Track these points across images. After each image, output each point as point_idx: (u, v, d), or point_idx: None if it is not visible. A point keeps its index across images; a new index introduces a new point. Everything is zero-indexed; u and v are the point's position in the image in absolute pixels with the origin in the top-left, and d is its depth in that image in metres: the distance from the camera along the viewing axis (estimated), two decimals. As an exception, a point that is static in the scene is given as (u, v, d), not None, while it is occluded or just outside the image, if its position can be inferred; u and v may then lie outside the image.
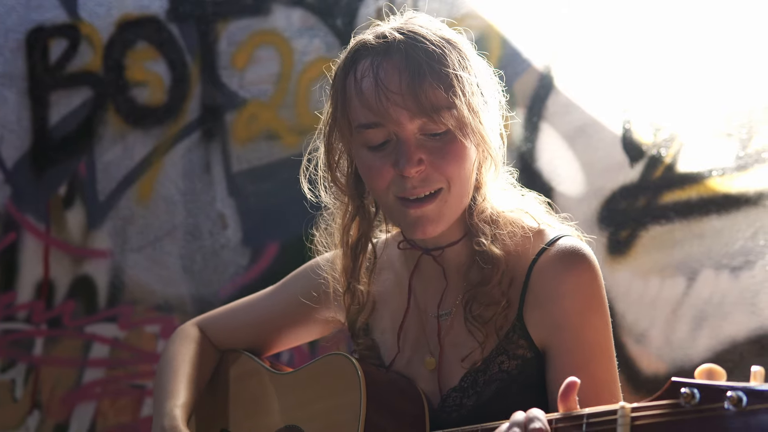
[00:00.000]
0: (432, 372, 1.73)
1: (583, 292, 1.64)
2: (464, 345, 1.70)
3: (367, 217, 1.79)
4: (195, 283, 3.54)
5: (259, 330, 2.00)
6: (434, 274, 1.76)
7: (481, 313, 1.67)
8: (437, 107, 1.60)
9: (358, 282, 1.81)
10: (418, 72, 1.60)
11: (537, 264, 1.66)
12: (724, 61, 2.79)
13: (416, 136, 1.62)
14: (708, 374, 1.24)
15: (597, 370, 1.63)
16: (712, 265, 2.77)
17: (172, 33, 3.61)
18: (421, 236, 1.67)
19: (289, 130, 3.44)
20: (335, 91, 1.69)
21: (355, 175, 1.77)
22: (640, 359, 2.82)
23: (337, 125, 1.69)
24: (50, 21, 3.75)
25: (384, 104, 1.60)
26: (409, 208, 1.64)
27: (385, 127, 1.63)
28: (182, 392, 1.89)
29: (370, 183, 1.69)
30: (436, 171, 1.63)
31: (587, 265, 1.64)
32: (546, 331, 1.65)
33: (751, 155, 2.74)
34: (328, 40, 3.38)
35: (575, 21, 2.99)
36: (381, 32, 1.67)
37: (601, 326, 1.65)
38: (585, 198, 2.94)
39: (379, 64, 1.62)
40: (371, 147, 1.65)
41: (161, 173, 3.60)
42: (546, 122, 3.02)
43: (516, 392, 1.66)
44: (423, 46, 1.62)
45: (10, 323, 3.76)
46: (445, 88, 1.60)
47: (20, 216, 3.76)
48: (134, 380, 3.61)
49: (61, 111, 3.74)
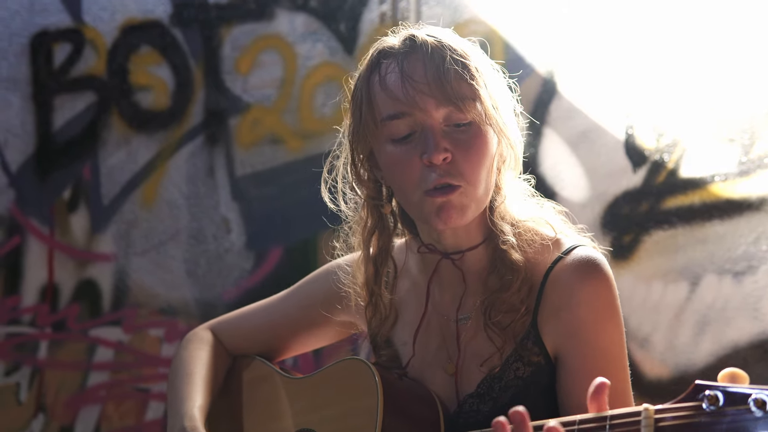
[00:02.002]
0: (450, 377, 1.74)
1: (598, 301, 1.65)
2: (483, 349, 1.70)
3: (386, 230, 1.80)
4: (199, 286, 3.54)
5: (273, 334, 2.00)
6: (453, 279, 1.77)
7: (501, 320, 1.68)
8: (463, 96, 1.63)
9: (380, 295, 1.82)
10: (443, 62, 1.64)
11: (552, 272, 1.68)
12: (726, 66, 2.80)
13: (441, 127, 1.65)
14: (731, 378, 1.25)
15: (610, 379, 1.64)
16: (715, 270, 2.78)
17: (175, 37, 3.62)
18: (446, 224, 1.67)
19: (292, 135, 3.44)
20: (358, 91, 1.72)
21: (375, 185, 1.78)
22: (643, 364, 2.83)
23: (362, 123, 1.71)
24: (54, 25, 3.76)
25: (410, 93, 1.63)
26: (435, 197, 1.65)
27: (412, 116, 1.65)
28: (199, 394, 1.89)
29: (397, 178, 1.70)
30: (460, 163, 1.64)
31: (602, 274, 1.66)
32: (560, 339, 1.66)
33: (753, 160, 2.74)
34: (331, 45, 3.39)
35: (578, 26, 3.00)
36: (404, 35, 1.71)
37: (615, 335, 1.67)
38: (588, 203, 2.95)
39: (404, 59, 1.67)
40: (396, 140, 1.67)
41: (165, 177, 3.61)
42: (549, 127, 3.03)
43: (531, 399, 1.66)
44: (446, 43, 1.67)
45: (15, 326, 3.77)
46: (470, 79, 1.64)
47: (24, 220, 3.77)
48: (138, 383, 3.62)
49: (65, 115, 3.75)
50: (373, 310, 1.83)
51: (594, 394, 1.38)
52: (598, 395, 1.38)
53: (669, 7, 2.88)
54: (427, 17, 3.20)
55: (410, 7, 3.23)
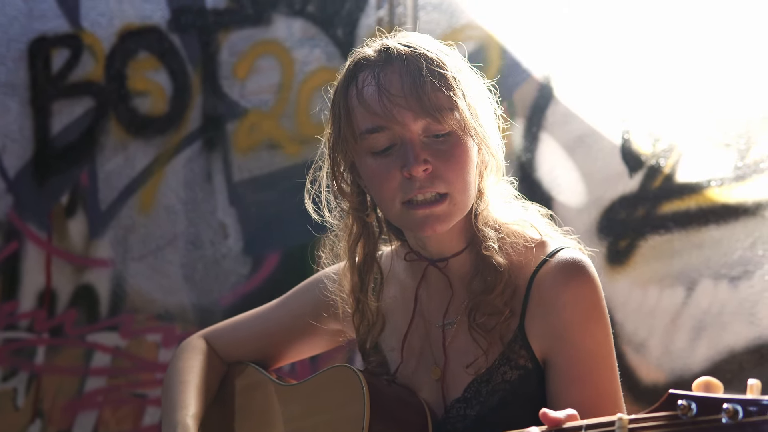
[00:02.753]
0: (436, 382, 1.74)
1: (584, 302, 1.65)
2: (469, 353, 1.71)
3: (371, 237, 1.81)
4: (196, 292, 3.55)
5: (266, 342, 2.01)
6: (440, 285, 1.78)
7: (485, 321, 1.69)
8: (440, 107, 1.63)
9: (367, 302, 1.82)
10: (419, 74, 1.63)
11: (538, 275, 1.68)
12: (722, 71, 2.80)
13: (421, 138, 1.65)
14: (705, 387, 1.25)
15: (598, 381, 1.65)
16: (711, 275, 2.78)
17: (173, 43, 3.62)
18: (431, 233, 1.68)
19: (290, 140, 3.45)
20: (337, 104, 1.72)
21: (358, 194, 1.78)
22: (639, 369, 2.83)
23: (341, 136, 1.71)
24: (53, 31, 3.77)
25: (388, 107, 1.63)
26: (417, 210, 1.66)
27: (390, 129, 1.65)
28: (192, 403, 1.90)
29: (377, 190, 1.70)
30: (441, 173, 1.64)
31: (587, 276, 1.66)
32: (547, 342, 1.66)
33: (749, 165, 2.75)
34: (328, 50, 3.40)
35: (575, 31, 3.01)
36: (379, 46, 1.70)
37: (602, 337, 1.67)
38: (584, 208, 2.95)
39: (380, 72, 1.66)
40: (376, 152, 1.67)
41: (163, 183, 3.62)
42: (546, 132, 3.03)
43: (518, 403, 1.67)
44: (422, 53, 1.66)
45: (12, 332, 3.77)
46: (446, 90, 1.64)
47: (22, 225, 3.78)
48: (136, 389, 3.62)
49: (63, 120, 3.76)
50: (361, 317, 1.84)
51: (545, 422, 1.39)
52: (547, 420, 1.38)
53: (665, 12, 2.88)
54: (424, 22, 3.21)
55: (407, 13, 3.23)
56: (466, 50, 1.79)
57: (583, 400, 1.49)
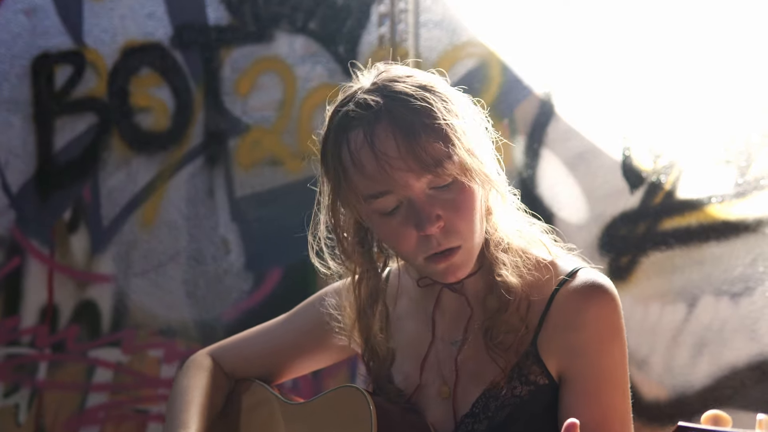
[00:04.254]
0: (446, 400, 1.75)
1: (604, 322, 1.66)
2: (482, 371, 1.71)
3: (375, 275, 1.80)
4: (198, 308, 3.55)
5: (272, 359, 2.00)
6: (455, 305, 1.78)
7: (503, 340, 1.69)
8: (438, 160, 1.60)
9: (375, 338, 1.82)
10: (412, 131, 1.59)
11: (559, 293, 1.68)
12: (722, 87, 2.81)
13: (426, 193, 1.63)
14: (714, 420, 1.25)
15: (610, 399, 1.65)
16: (712, 292, 2.78)
17: (176, 60, 3.64)
18: (454, 280, 1.69)
19: (292, 156, 3.46)
20: (332, 166, 1.67)
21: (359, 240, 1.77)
22: (640, 385, 2.83)
23: (341, 197, 1.68)
24: (56, 47, 3.78)
25: (388, 172, 1.60)
26: (438, 263, 1.65)
27: (395, 192, 1.63)
28: (194, 421, 1.89)
29: (395, 247, 1.69)
30: (454, 226, 1.63)
31: (610, 297, 1.68)
32: (565, 359, 1.67)
33: (749, 182, 2.75)
34: (330, 67, 3.41)
35: (576, 48, 3.02)
36: (359, 100, 1.65)
37: (618, 357, 1.67)
38: (585, 224, 2.96)
39: (371, 132, 1.61)
40: (385, 213, 1.65)
41: (165, 198, 3.62)
42: (547, 149, 3.04)
43: (527, 418, 1.67)
44: (406, 104, 1.62)
45: (14, 348, 3.77)
46: (441, 140, 1.60)
47: (25, 240, 3.78)
48: (138, 405, 3.61)
49: (66, 136, 3.77)
50: (371, 354, 1.84)
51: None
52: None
53: (666, 29, 2.89)
54: (426, 39, 3.22)
55: (409, 30, 3.25)
56: (467, 68, 1.78)
57: (595, 418, 1.49)
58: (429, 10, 3.23)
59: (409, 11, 3.25)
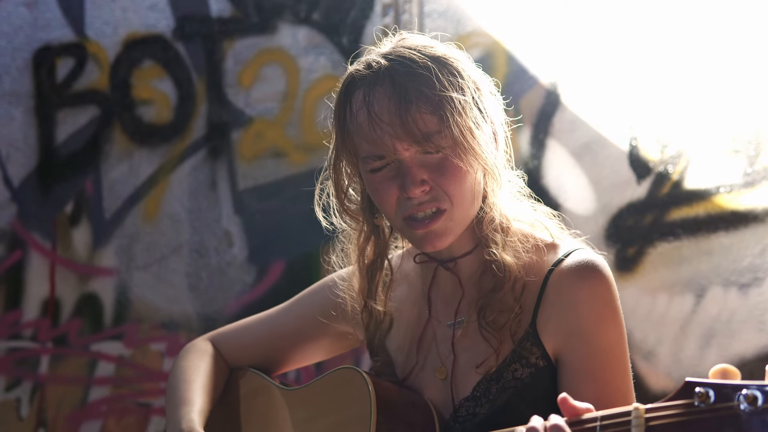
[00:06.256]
0: (444, 381, 1.74)
1: (599, 301, 1.66)
2: (478, 352, 1.71)
3: (382, 237, 1.81)
4: (201, 300, 3.53)
5: (273, 346, 1.99)
6: (450, 285, 1.78)
7: (495, 319, 1.69)
8: (427, 134, 1.62)
9: (375, 301, 1.82)
10: (405, 99, 1.61)
11: (553, 274, 1.68)
12: (730, 77, 2.79)
13: (415, 157, 1.65)
14: (722, 374, 1.24)
15: (611, 378, 1.65)
16: (721, 282, 2.76)
17: (178, 51, 3.62)
18: (431, 249, 1.70)
19: (295, 148, 3.44)
20: (336, 123, 1.72)
21: (368, 197, 1.78)
22: (648, 377, 2.81)
23: (344, 153, 1.72)
24: (57, 40, 3.77)
25: (380, 135, 1.63)
26: (416, 229, 1.67)
27: (386, 155, 1.66)
28: (198, 399, 1.87)
29: (378, 204, 1.72)
30: (440, 188, 1.65)
31: (602, 275, 1.67)
32: (561, 339, 1.66)
33: (758, 172, 2.73)
34: (334, 58, 3.39)
35: (582, 38, 3.00)
36: (368, 61, 1.69)
37: (615, 335, 1.67)
38: (592, 215, 2.94)
39: (370, 95, 1.65)
40: (374, 169, 1.68)
41: (167, 191, 3.61)
42: (553, 139, 3.02)
43: (529, 401, 1.66)
44: (409, 71, 1.63)
45: (16, 341, 3.76)
46: (434, 112, 1.62)
47: (26, 234, 3.77)
48: (140, 398, 3.60)
49: (68, 129, 3.75)
50: (369, 316, 1.84)
51: (563, 408, 1.39)
52: (566, 407, 1.39)
53: (673, 19, 2.88)
54: (430, 30, 3.20)
55: (413, 20, 3.23)
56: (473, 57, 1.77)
57: (596, 397, 1.49)
58: (433, 0, 3.21)
59: (413, 1, 3.24)
